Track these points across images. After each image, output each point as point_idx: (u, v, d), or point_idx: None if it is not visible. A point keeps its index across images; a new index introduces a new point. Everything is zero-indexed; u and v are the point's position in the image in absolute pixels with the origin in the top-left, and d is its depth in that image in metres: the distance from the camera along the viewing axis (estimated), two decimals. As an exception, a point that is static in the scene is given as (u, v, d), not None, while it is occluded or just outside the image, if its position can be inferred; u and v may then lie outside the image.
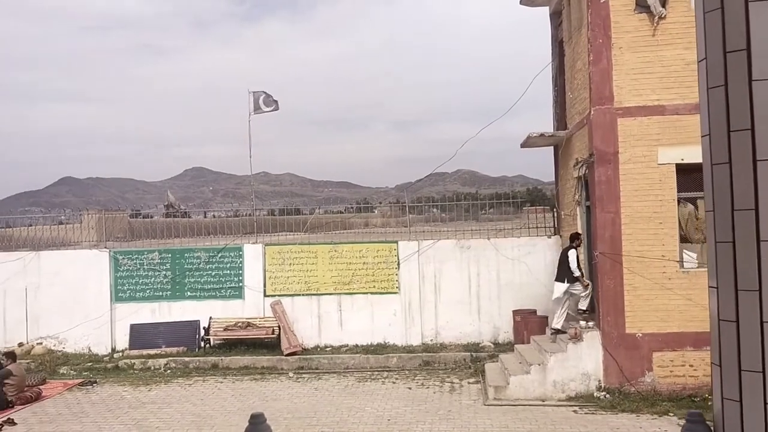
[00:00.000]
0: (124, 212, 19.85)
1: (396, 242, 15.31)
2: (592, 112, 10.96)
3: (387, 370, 13.49)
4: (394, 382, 12.51)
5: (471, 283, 14.93)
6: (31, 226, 17.45)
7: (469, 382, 12.27)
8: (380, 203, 26.95)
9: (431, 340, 14.85)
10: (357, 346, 14.77)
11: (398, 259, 15.07)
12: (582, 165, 11.74)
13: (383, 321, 14.98)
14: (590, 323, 11.33)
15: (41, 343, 15.40)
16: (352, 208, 23.93)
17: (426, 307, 14.96)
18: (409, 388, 12.00)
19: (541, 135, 13.41)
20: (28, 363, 14.12)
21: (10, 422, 10.45)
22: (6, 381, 11.58)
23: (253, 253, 15.46)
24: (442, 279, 15.00)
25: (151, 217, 22.19)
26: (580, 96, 12.14)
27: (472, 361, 13.57)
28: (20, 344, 15.33)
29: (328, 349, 14.84)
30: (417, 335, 14.88)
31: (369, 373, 13.34)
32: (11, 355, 12.39)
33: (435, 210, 19.26)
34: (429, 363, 13.80)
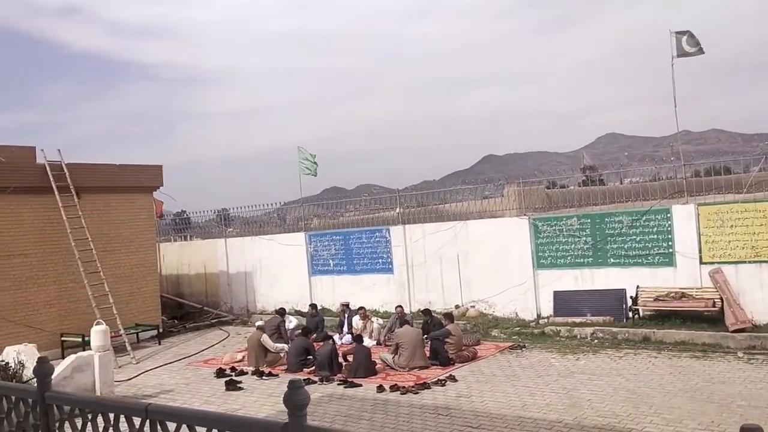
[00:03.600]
0: (540, 183, 19.87)
1: None
2: None
3: None
4: None
5: None
6: (461, 201, 18.75)
7: None
8: None
9: None
10: (830, 326, 11.79)
11: None
12: None
13: None
14: None
15: (474, 306, 16.45)
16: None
17: None
18: None
19: None
20: (464, 324, 15.21)
21: (452, 378, 11.25)
22: (446, 340, 12.60)
23: (683, 215, 13.66)
24: None
25: (566, 186, 21.83)
26: None
27: None
28: (456, 306, 16.66)
29: (787, 327, 12.21)
30: None
31: None
32: (449, 317, 13.48)
33: None
34: None
